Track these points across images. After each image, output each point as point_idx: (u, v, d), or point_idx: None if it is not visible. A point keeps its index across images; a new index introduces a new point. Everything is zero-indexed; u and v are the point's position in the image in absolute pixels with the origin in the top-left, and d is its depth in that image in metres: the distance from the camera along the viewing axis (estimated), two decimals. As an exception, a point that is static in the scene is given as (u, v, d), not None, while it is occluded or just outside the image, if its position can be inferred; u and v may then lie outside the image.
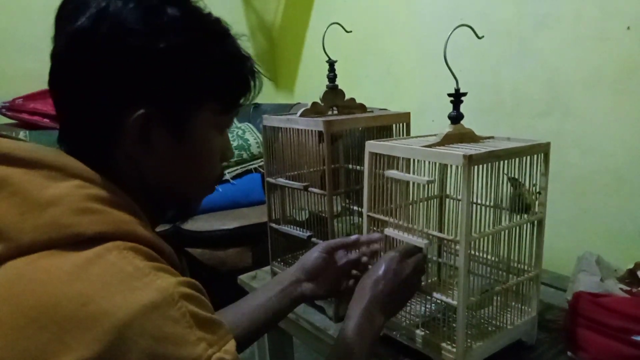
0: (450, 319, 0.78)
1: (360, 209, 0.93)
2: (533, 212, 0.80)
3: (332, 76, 1.01)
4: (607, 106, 1.25)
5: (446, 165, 0.84)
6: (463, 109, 0.79)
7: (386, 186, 0.82)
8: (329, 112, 1.01)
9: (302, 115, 0.96)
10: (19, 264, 0.40)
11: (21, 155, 0.43)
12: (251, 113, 2.34)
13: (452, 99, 0.78)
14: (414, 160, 0.77)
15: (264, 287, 0.81)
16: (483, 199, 0.75)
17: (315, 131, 0.91)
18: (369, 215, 0.85)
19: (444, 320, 0.78)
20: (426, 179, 0.75)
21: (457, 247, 0.71)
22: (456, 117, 0.79)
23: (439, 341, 0.77)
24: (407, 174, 0.77)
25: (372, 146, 0.82)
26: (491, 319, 0.82)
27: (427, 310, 0.85)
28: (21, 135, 1.92)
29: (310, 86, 2.44)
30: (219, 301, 0.65)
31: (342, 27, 1.04)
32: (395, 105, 1.65)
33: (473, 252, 0.77)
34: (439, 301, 0.78)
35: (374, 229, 0.86)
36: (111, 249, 0.41)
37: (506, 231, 0.78)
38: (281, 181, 1.03)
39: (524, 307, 0.84)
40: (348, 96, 1.03)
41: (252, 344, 0.83)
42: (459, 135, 0.79)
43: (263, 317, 0.77)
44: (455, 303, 0.73)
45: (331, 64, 1.01)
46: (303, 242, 1.03)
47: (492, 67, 1.50)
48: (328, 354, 0.69)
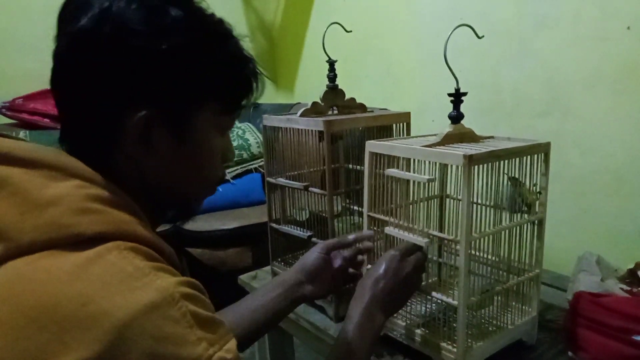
0: (450, 318, 0.78)
1: (361, 208, 0.93)
2: (533, 212, 0.80)
3: (332, 76, 1.01)
4: (607, 106, 1.25)
5: (446, 165, 0.84)
6: (463, 108, 0.79)
7: (386, 186, 0.82)
8: (329, 112, 1.01)
9: (302, 115, 0.96)
10: (19, 264, 0.40)
11: (21, 155, 0.43)
12: (251, 113, 2.34)
13: (452, 98, 0.78)
14: (414, 160, 0.77)
15: (264, 288, 0.81)
16: (483, 198, 0.75)
17: (315, 131, 0.91)
18: (369, 215, 0.85)
19: (444, 320, 0.78)
20: (426, 177, 0.75)
21: (458, 247, 0.71)
22: (456, 117, 0.79)
23: (439, 341, 0.77)
24: (407, 173, 0.77)
25: (373, 146, 0.82)
26: (491, 319, 0.82)
27: (428, 310, 0.85)
28: (21, 135, 1.92)
29: (310, 86, 2.44)
30: (219, 301, 0.65)
31: (342, 27, 1.04)
32: (395, 105, 1.65)
33: (473, 252, 0.77)
34: (439, 301, 0.78)
35: (374, 228, 0.86)
36: (111, 249, 0.41)
37: (506, 231, 0.78)
38: (281, 181, 1.03)
39: (524, 307, 0.84)
40: (348, 96, 1.03)
41: (252, 344, 0.83)
42: (459, 135, 0.79)
43: (263, 318, 0.77)
44: (456, 303, 0.73)
45: (331, 63, 1.01)
46: (303, 242, 1.03)
47: (492, 67, 1.50)
48: (328, 353, 0.69)
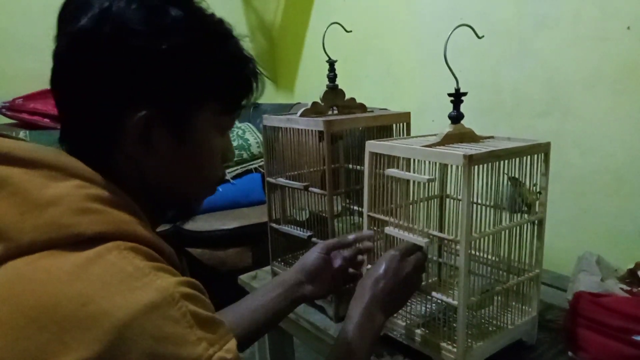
0: (450, 319, 0.78)
1: (361, 208, 0.93)
2: (534, 212, 0.80)
3: (333, 76, 1.01)
4: (607, 106, 1.25)
5: (446, 165, 0.84)
6: (463, 108, 0.79)
7: (386, 186, 0.82)
8: (329, 112, 1.01)
9: (302, 115, 0.96)
10: (19, 264, 0.39)
11: (21, 155, 0.43)
12: (251, 113, 2.34)
13: (453, 98, 0.78)
14: (414, 160, 0.77)
15: (264, 288, 0.81)
16: (483, 198, 0.75)
17: (315, 131, 0.91)
18: (369, 215, 0.85)
19: (444, 320, 0.78)
20: (426, 177, 0.75)
21: (458, 247, 0.71)
22: (456, 117, 0.79)
23: (439, 341, 0.77)
24: (407, 173, 0.77)
25: (373, 146, 0.82)
26: (491, 319, 0.82)
27: (428, 310, 0.85)
28: (21, 135, 1.92)
29: (310, 86, 2.44)
30: (219, 301, 0.65)
31: (343, 27, 1.04)
32: (395, 105, 1.65)
33: (473, 252, 0.77)
34: (439, 301, 0.78)
35: (374, 228, 0.86)
36: (111, 249, 0.41)
37: (506, 231, 0.78)
38: (281, 181, 1.03)
39: (524, 307, 0.84)
40: (348, 96, 1.03)
41: (252, 344, 0.83)
42: (459, 135, 0.79)
43: (263, 318, 0.77)
44: (456, 303, 0.73)
45: (331, 63, 1.01)
46: (303, 242, 1.03)
47: (492, 67, 1.50)
48: (329, 353, 0.69)
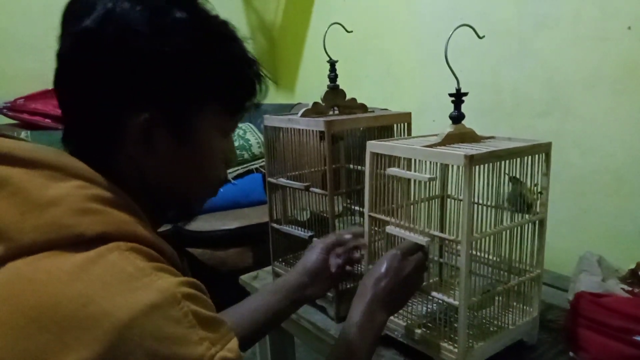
0: (451, 319, 0.78)
1: (362, 209, 0.93)
2: (534, 212, 0.80)
3: (333, 76, 1.01)
4: (607, 106, 1.25)
5: (447, 165, 0.84)
6: (463, 108, 0.79)
7: (387, 186, 0.82)
8: (330, 112, 1.01)
9: (303, 115, 0.96)
10: (20, 264, 0.39)
11: (22, 155, 0.43)
12: (252, 113, 2.34)
13: (453, 98, 0.78)
14: (415, 161, 0.77)
15: (267, 290, 0.81)
16: (484, 199, 0.75)
17: (316, 131, 0.91)
18: (370, 216, 0.85)
19: (445, 320, 0.78)
20: (427, 176, 0.75)
21: (459, 247, 0.71)
22: (457, 117, 0.79)
23: (440, 341, 0.77)
24: (408, 172, 0.77)
25: (373, 146, 0.82)
26: (492, 319, 0.82)
27: (429, 310, 0.85)
28: (22, 135, 1.92)
29: (311, 86, 2.44)
30: (220, 301, 0.65)
31: (343, 27, 1.04)
32: (395, 105, 1.65)
33: (474, 252, 0.77)
34: (440, 301, 0.78)
35: (376, 229, 0.86)
36: (112, 250, 0.41)
37: (507, 231, 0.78)
38: (282, 181, 1.03)
39: (525, 307, 0.84)
40: (348, 96, 1.03)
41: (253, 344, 0.83)
42: (460, 135, 0.79)
43: (265, 320, 0.77)
44: (457, 303, 0.73)
45: (332, 64, 1.01)
46: (304, 243, 1.03)
47: (492, 67, 1.50)
48: (330, 352, 0.70)
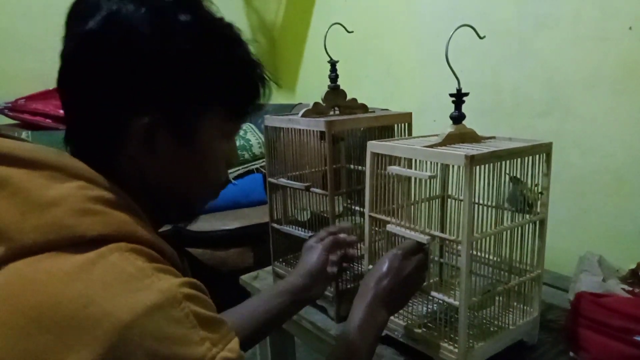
0: (452, 319, 0.78)
1: (362, 209, 0.93)
2: (535, 212, 0.80)
3: (334, 76, 1.01)
4: (607, 106, 1.25)
5: (448, 165, 0.85)
6: (463, 109, 0.79)
7: (388, 186, 0.82)
8: (331, 113, 1.01)
9: (303, 115, 0.96)
10: (20, 265, 0.39)
11: (23, 156, 0.43)
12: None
13: (454, 99, 0.78)
14: (415, 161, 0.77)
15: (270, 293, 0.81)
16: (485, 199, 0.75)
17: (317, 131, 0.91)
18: (370, 216, 0.85)
19: (445, 320, 0.79)
20: (428, 174, 0.75)
21: (459, 247, 0.72)
22: (458, 117, 0.79)
23: (440, 341, 0.77)
24: (408, 170, 0.78)
25: (374, 146, 0.82)
26: (493, 319, 0.82)
27: (429, 310, 0.85)
28: (23, 136, 1.92)
29: (311, 86, 2.44)
30: (220, 301, 0.65)
31: (344, 27, 1.04)
32: (396, 106, 1.65)
33: (475, 252, 0.77)
34: (440, 301, 0.78)
35: (376, 229, 0.86)
36: (113, 250, 0.41)
37: (508, 231, 0.78)
38: (283, 181, 1.03)
39: (525, 307, 0.84)
40: (349, 96, 1.03)
41: (254, 345, 0.83)
42: (461, 135, 0.79)
43: (267, 322, 0.78)
44: (457, 303, 0.73)
45: (333, 64, 1.01)
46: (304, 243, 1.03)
47: (492, 67, 1.50)
48: (331, 350, 0.70)
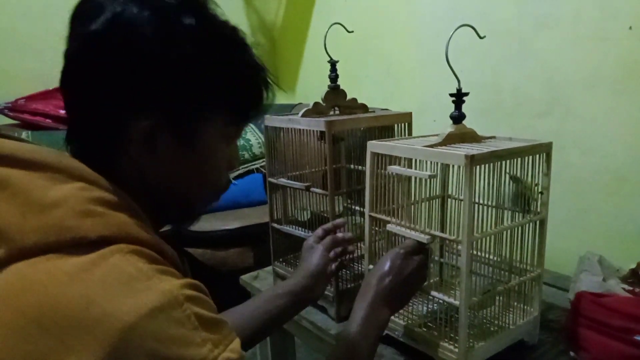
0: (452, 318, 0.78)
1: (362, 209, 0.93)
2: (535, 211, 0.81)
3: (334, 76, 1.01)
4: (607, 106, 1.25)
5: (448, 165, 0.85)
6: (463, 109, 0.79)
7: (388, 186, 0.82)
8: (331, 112, 1.01)
9: (303, 115, 0.96)
10: (21, 266, 0.39)
11: (23, 157, 0.43)
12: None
13: (454, 98, 0.78)
14: (415, 161, 0.77)
15: (272, 292, 0.81)
16: (485, 199, 0.76)
17: (317, 131, 0.91)
18: (370, 215, 0.85)
19: (445, 320, 0.79)
20: (428, 173, 0.75)
21: (459, 247, 0.72)
22: (458, 117, 0.79)
23: (440, 341, 0.77)
24: (408, 169, 0.78)
25: (374, 146, 0.82)
26: (493, 319, 0.82)
27: (429, 310, 0.85)
28: (23, 136, 1.92)
29: (311, 86, 2.44)
30: (220, 301, 0.65)
31: (344, 27, 1.04)
32: (396, 105, 1.65)
33: (475, 252, 0.77)
34: (440, 301, 0.78)
35: (376, 229, 0.86)
36: (114, 252, 0.41)
37: (508, 231, 0.78)
38: (283, 181, 1.03)
39: (525, 307, 0.84)
40: (349, 96, 1.03)
41: (255, 345, 0.84)
42: (461, 135, 0.79)
43: (266, 320, 0.78)
44: (457, 303, 0.73)
45: (333, 64, 1.01)
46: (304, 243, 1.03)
47: (492, 67, 1.50)
48: (332, 349, 0.70)
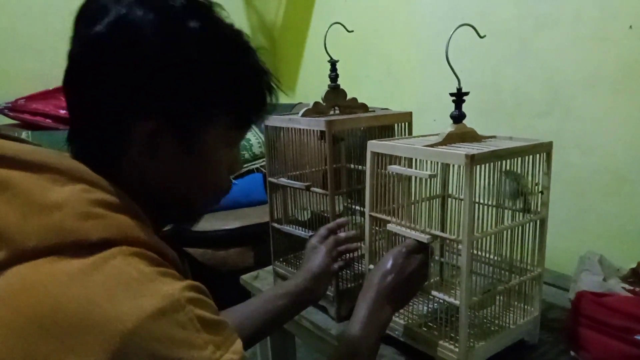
0: (452, 318, 0.78)
1: (362, 208, 0.93)
2: (535, 211, 0.81)
3: (334, 76, 1.01)
4: (607, 106, 1.25)
5: (448, 164, 0.85)
6: (463, 108, 0.79)
7: (388, 186, 0.82)
8: (331, 112, 1.01)
9: (304, 115, 0.96)
10: (22, 269, 0.39)
11: (24, 158, 0.43)
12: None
13: (454, 98, 0.78)
14: (416, 160, 0.77)
15: (273, 292, 0.81)
16: (485, 198, 0.75)
17: (317, 131, 0.91)
18: (371, 215, 0.85)
19: (446, 319, 0.79)
20: (428, 173, 0.75)
21: (460, 246, 0.72)
22: (458, 117, 0.79)
23: (441, 341, 0.77)
24: (409, 169, 0.78)
25: (374, 146, 0.82)
26: (493, 319, 0.82)
27: (430, 309, 0.85)
28: (23, 136, 1.92)
29: (311, 86, 2.44)
30: (221, 301, 0.65)
31: (344, 27, 1.04)
32: (396, 105, 1.65)
33: (475, 251, 0.78)
34: (441, 301, 0.78)
35: (376, 228, 0.86)
36: (116, 254, 0.41)
37: (508, 230, 0.78)
38: (283, 181, 1.03)
39: (526, 307, 0.84)
40: (349, 96, 1.03)
41: (255, 344, 0.84)
42: (461, 134, 0.79)
43: (267, 319, 0.78)
44: (458, 303, 0.73)
45: (333, 63, 1.01)
46: (305, 242, 1.03)
47: (492, 67, 1.50)
48: (334, 349, 0.70)
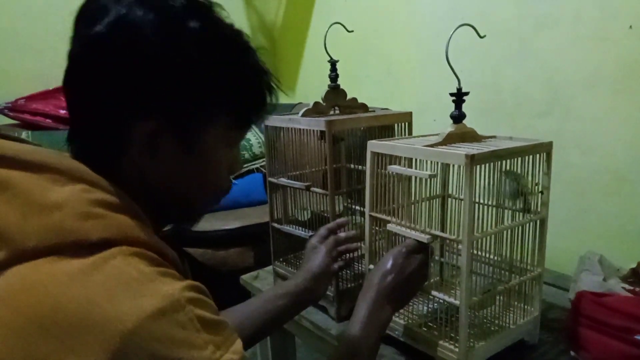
0: (452, 318, 0.78)
1: (362, 208, 0.93)
2: (535, 211, 0.81)
3: (334, 76, 1.01)
4: (607, 106, 1.25)
5: (448, 164, 0.85)
6: (463, 108, 0.79)
7: (388, 186, 0.82)
8: (331, 112, 1.01)
9: (304, 115, 0.96)
10: (22, 269, 0.39)
11: (24, 158, 0.43)
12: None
13: (454, 98, 0.78)
14: (416, 160, 0.77)
15: (274, 292, 0.81)
16: (485, 198, 0.76)
17: (317, 131, 0.91)
18: (371, 215, 0.85)
19: (446, 319, 0.79)
20: (428, 173, 0.75)
21: (460, 246, 0.72)
22: (458, 117, 0.79)
23: (441, 341, 0.77)
24: (409, 169, 0.78)
25: (374, 146, 0.82)
26: (493, 319, 0.82)
27: (430, 309, 0.85)
28: (23, 136, 1.92)
29: (311, 86, 2.44)
30: (221, 301, 0.65)
31: (344, 27, 1.04)
32: (396, 105, 1.65)
33: (475, 251, 0.78)
34: (441, 301, 0.78)
35: (376, 228, 0.86)
36: (116, 254, 0.41)
37: (508, 230, 0.78)
38: (283, 181, 1.03)
39: (526, 307, 0.84)
40: (349, 96, 1.03)
41: (255, 344, 0.84)
42: (461, 134, 0.79)
43: (267, 319, 0.78)
44: (458, 303, 0.73)
45: (333, 63, 1.01)
46: (305, 242, 1.03)
47: (492, 67, 1.50)
48: (334, 349, 0.70)
